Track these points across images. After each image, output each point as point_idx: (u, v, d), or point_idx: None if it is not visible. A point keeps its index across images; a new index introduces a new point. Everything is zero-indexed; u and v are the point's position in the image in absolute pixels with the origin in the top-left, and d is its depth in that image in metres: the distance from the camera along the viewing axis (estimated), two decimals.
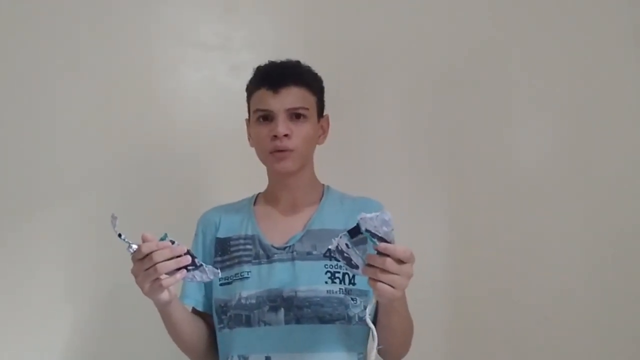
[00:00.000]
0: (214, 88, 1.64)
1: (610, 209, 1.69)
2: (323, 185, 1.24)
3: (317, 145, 1.22)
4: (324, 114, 1.22)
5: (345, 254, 0.92)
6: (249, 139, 1.22)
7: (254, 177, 1.61)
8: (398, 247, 0.88)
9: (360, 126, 1.68)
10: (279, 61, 1.19)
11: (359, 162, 1.68)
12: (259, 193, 1.27)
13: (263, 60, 1.19)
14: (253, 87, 1.18)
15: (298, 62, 1.20)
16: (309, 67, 1.20)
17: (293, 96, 1.13)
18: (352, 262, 0.92)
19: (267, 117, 1.14)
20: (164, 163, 1.59)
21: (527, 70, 1.73)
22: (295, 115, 1.13)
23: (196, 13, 1.65)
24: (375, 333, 0.96)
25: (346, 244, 0.91)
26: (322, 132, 1.22)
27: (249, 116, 1.21)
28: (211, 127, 1.62)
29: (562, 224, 1.69)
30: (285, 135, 1.11)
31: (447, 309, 1.66)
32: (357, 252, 0.92)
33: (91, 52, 1.59)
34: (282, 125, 1.10)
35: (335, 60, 1.63)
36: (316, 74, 1.21)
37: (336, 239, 0.91)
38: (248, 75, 1.21)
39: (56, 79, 1.56)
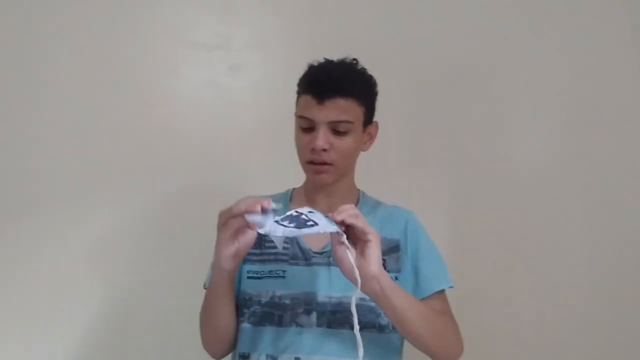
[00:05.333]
0: (214, 88, 1.64)
1: (610, 207, 1.69)
2: (358, 190, 1.22)
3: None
4: (373, 120, 1.17)
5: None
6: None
7: (254, 176, 1.62)
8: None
9: None
10: (333, 62, 1.13)
11: (360, 160, 1.68)
12: (294, 189, 1.24)
13: (264, 60, 1.17)
14: (301, 89, 1.13)
15: (352, 65, 1.13)
16: (363, 70, 1.14)
17: (337, 109, 1.07)
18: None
19: (308, 126, 1.09)
20: (163, 163, 1.59)
21: (528, 69, 1.73)
22: (338, 128, 1.08)
23: (196, 13, 1.65)
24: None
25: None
26: (368, 138, 1.17)
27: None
28: (211, 126, 1.62)
29: (563, 223, 1.69)
30: (324, 150, 1.07)
31: None
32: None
33: (91, 52, 1.59)
34: (322, 139, 1.06)
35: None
36: (370, 78, 1.15)
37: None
38: (248, 75, 1.20)
39: (56, 79, 1.57)
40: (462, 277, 1.65)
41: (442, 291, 1.15)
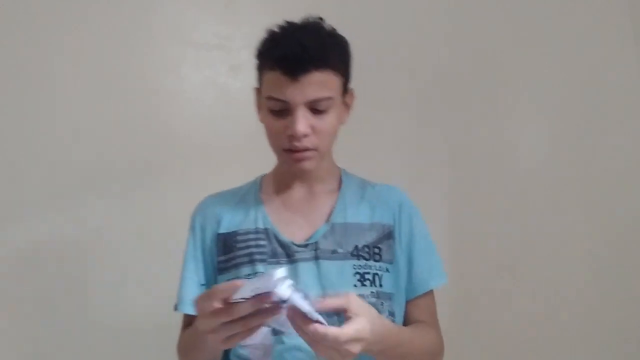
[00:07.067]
0: (214, 88, 1.64)
1: (608, 205, 1.70)
2: (339, 168, 1.08)
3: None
4: (349, 88, 1.00)
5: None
6: (257, 113, 1.02)
7: (254, 176, 1.61)
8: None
9: (362, 121, 1.67)
10: (299, 26, 0.97)
11: (360, 157, 1.69)
12: (263, 176, 1.10)
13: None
14: (265, 65, 0.95)
15: (321, 27, 0.97)
16: (334, 32, 0.98)
17: (315, 85, 0.90)
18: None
19: (281, 108, 0.93)
20: (163, 163, 1.60)
21: (528, 68, 1.74)
22: (317, 107, 0.92)
23: (196, 13, 1.65)
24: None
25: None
26: (345, 108, 1.00)
27: (260, 90, 0.99)
28: (211, 126, 1.63)
29: (561, 221, 1.70)
30: (305, 135, 0.92)
31: (444, 307, 1.65)
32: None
33: (91, 52, 1.59)
34: (302, 124, 0.91)
35: None
36: (342, 40, 0.98)
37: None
38: (248, 75, 1.18)
39: (56, 78, 1.57)
40: (461, 275, 1.67)
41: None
